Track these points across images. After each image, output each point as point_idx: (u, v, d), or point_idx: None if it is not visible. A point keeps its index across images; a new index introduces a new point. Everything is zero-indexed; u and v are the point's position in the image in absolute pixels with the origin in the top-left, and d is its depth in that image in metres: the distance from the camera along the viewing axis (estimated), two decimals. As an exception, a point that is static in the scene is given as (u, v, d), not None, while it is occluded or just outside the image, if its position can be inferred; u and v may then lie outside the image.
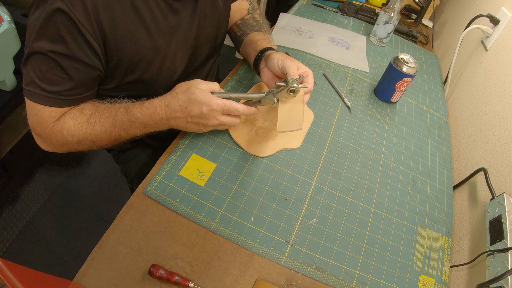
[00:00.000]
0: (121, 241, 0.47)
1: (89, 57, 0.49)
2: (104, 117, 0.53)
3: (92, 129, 0.53)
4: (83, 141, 0.53)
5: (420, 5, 1.20)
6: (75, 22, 0.45)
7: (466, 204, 0.64)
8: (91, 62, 0.50)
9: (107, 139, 0.54)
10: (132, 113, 0.53)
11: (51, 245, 1.26)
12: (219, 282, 0.46)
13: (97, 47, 0.49)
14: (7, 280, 0.29)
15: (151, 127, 0.54)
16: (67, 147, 0.55)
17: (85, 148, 0.55)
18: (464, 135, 0.77)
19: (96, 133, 0.53)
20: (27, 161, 1.47)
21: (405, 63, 0.73)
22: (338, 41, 0.98)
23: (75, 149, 0.55)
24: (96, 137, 0.54)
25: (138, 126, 0.54)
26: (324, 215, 0.56)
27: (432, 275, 0.54)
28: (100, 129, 0.53)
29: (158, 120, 0.53)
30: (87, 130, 0.53)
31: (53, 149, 0.56)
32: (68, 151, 0.56)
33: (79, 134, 0.53)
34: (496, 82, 0.72)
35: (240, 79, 0.76)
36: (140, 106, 0.53)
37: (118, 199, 1.44)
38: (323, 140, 0.68)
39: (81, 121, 0.53)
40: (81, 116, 0.53)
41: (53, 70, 0.48)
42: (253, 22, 0.77)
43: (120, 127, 0.53)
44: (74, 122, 0.52)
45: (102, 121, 0.53)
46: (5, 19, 1.11)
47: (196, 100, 0.51)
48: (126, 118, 0.53)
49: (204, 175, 0.56)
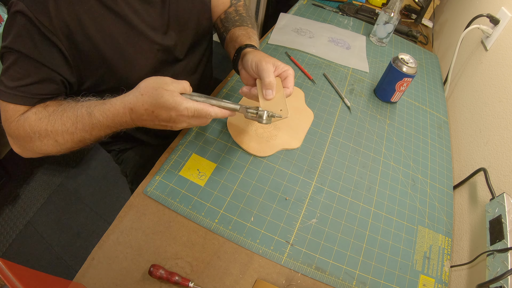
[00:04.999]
0: (121, 241, 0.47)
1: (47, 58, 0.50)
2: (65, 116, 0.50)
3: (52, 126, 0.50)
4: (45, 138, 0.50)
5: (420, 5, 1.20)
6: (35, 23, 0.47)
7: (466, 204, 0.64)
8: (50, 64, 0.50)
9: (70, 140, 0.51)
10: (94, 116, 0.49)
11: (51, 245, 1.26)
12: (219, 282, 0.46)
13: (60, 44, 0.50)
14: (7, 280, 0.29)
15: (116, 128, 0.51)
16: (32, 145, 0.52)
17: (50, 148, 0.52)
18: (464, 135, 0.77)
19: (58, 131, 0.50)
20: (27, 161, 1.47)
21: (405, 63, 0.73)
22: (338, 41, 0.98)
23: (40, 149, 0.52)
24: (58, 136, 0.50)
25: (101, 128, 0.50)
26: (324, 215, 0.56)
27: (432, 275, 0.54)
28: (61, 128, 0.50)
29: (122, 122, 0.49)
30: (47, 126, 0.50)
31: (22, 150, 0.53)
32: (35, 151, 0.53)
33: (40, 129, 0.50)
34: (496, 82, 0.72)
35: (240, 79, 0.76)
36: (101, 107, 0.49)
37: (118, 199, 1.44)
38: (323, 140, 0.68)
39: (42, 116, 0.50)
40: (43, 111, 0.51)
41: (13, 67, 0.49)
42: (235, 16, 0.72)
43: (82, 129, 0.50)
44: (35, 117, 0.50)
45: (64, 120, 0.50)
46: (5, 19, 1.11)
47: (164, 104, 0.46)
48: (88, 121, 0.49)
49: (204, 175, 0.56)
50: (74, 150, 0.54)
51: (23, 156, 0.55)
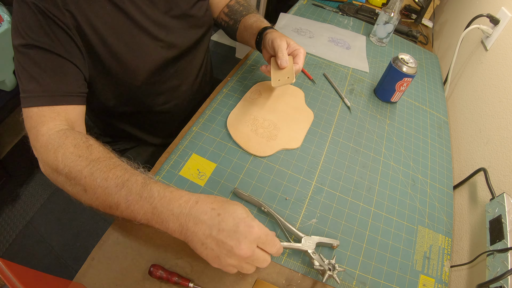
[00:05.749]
0: (121, 241, 0.47)
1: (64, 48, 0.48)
2: (113, 172, 0.42)
3: (91, 174, 0.41)
4: (74, 180, 0.42)
5: (420, 5, 1.20)
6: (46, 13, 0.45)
7: (466, 204, 0.64)
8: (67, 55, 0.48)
9: (101, 199, 0.41)
10: (149, 188, 0.41)
11: (51, 245, 1.26)
12: (219, 282, 0.46)
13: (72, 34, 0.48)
14: (7, 280, 0.29)
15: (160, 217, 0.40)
16: (56, 177, 0.44)
17: (73, 191, 0.43)
18: (464, 135, 0.77)
19: (92, 183, 0.41)
20: (27, 161, 1.47)
21: (405, 63, 0.73)
22: (338, 41, 0.98)
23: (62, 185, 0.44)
24: (91, 188, 0.41)
25: (145, 206, 0.40)
26: (324, 215, 0.56)
27: (432, 275, 0.54)
28: (100, 182, 0.41)
29: (176, 211, 0.39)
30: (84, 170, 0.41)
31: (46, 169, 0.46)
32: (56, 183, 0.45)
33: (73, 168, 0.42)
34: (496, 82, 0.72)
35: (240, 79, 0.76)
36: (163, 186, 0.41)
37: (118, 199, 1.44)
38: (323, 140, 0.68)
39: (83, 155, 0.43)
40: (85, 150, 0.43)
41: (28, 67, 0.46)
42: (239, 8, 0.77)
43: (124, 196, 0.40)
44: (74, 151, 0.43)
45: (109, 175, 0.41)
46: (5, 19, 1.11)
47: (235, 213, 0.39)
48: (138, 189, 0.41)
49: (204, 175, 0.56)
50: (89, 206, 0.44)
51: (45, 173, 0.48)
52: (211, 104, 0.68)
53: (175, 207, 0.39)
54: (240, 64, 0.81)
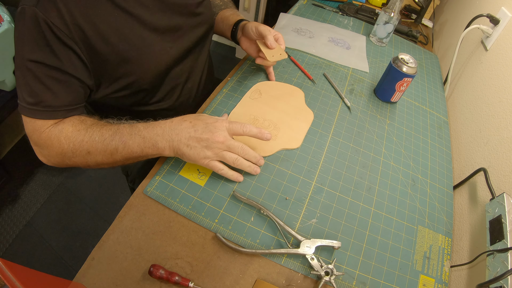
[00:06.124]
0: (121, 241, 0.47)
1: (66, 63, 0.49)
2: (105, 128, 0.51)
3: (90, 137, 0.50)
4: (79, 149, 0.51)
5: (420, 5, 1.20)
6: (51, 28, 0.46)
7: (466, 204, 0.64)
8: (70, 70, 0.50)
9: (102, 151, 0.51)
10: (136, 126, 0.52)
11: (51, 245, 1.26)
12: (219, 282, 0.46)
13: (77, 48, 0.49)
14: (7, 280, 0.29)
15: (150, 141, 0.51)
16: (61, 158, 0.52)
17: (79, 160, 0.52)
18: (464, 135, 0.77)
19: (93, 142, 0.50)
20: (27, 161, 1.47)
21: (405, 63, 0.73)
22: (338, 41, 0.98)
23: (69, 161, 0.52)
24: (92, 147, 0.50)
25: (136, 140, 0.50)
26: (324, 215, 0.56)
27: (432, 275, 0.54)
28: (98, 138, 0.50)
29: (160, 131, 0.50)
30: (84, 137, 0.50)
31: (49, 159, 0.53)
32: (62, 163, 0.54)
33: (75, 140, 0.50)
34: (496, 82, 0.72)
35: (240, 79, 0.76)
36: (145, 122, 0.53)
37: (118, 199, 1.44)
38: (323, 140, 0.68)
39: (80, 128, 0.51)
40: (81, 124, 0.52)
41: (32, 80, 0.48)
42: (219, 2, 0.83)
43: (119, 138, 0.50)
44: (73, 129, 0.51)
45: (103, 131, 0.51)
46: (5, 19, 1.11)
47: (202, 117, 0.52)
48: (128, 130, 0.51)
49: (204, 175, 0.56)
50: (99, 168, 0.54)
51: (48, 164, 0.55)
52: (211, 104, 0.68)
53: (158, 130, 0.50)
54: (240, 64, 0.81)
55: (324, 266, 0.48)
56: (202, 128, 0.50)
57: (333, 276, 0.47)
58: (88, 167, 0.53)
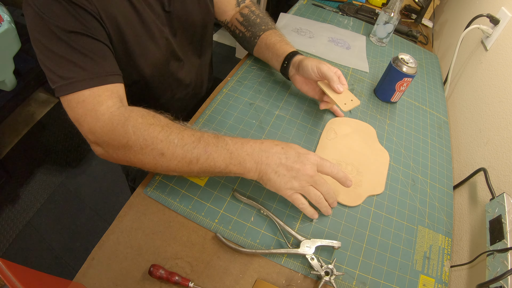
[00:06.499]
0: (121, 241, 0.47)
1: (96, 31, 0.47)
2: (187, 132, 0.46)
3: (166, 137, 0.44)
4: (150, 147, 0.44)
5: (420, 5, 1.20)
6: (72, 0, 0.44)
7: (466, 204, 0.64)
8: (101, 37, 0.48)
9: (180, 157, 0.45)
10: (222, 138, 0.48)
11: (51, 245, 1.26)
12: (219, 282, 0.46)
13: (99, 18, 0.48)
14: (7, 280, 0.29)
15: (237, 159, 0.47)
16: (126, 152, 0.45)
17: (147, 159, 0.45)
18: (464, 135, 0.77)
19: (171, 144, 0.44)
20: (27, 161, 1.47)
21: (405, 63, 0.73)
22: (338, 41, 0.98)
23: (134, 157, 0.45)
24: (169, 149, 0.44)
25: (223, 153, 0.46)
26: (324, 215, 0.56)
27: (432, 275, 0.54)
28: (178, 141, 0.44)
29: (249, 151, 0.47)
30: (159, 135, 0.44)
31: (108, 150, 0.46)
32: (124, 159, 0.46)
33: (148, 135, 0.44)
34: (496, 82, 0.72)
35: (240, 79, 0.76)
36: (231, 136, 0.49)
37: (118, 199, 1.44)
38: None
39: (154, 123, 0.45)
40: (153, 119, 0.46)
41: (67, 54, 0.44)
42: (256, 19, 0.75)
43: (203, 148, 0.45)
44: (143, 121, 0.45)
45: (183, 135, 0.45)
46: (5, 19, 1.11)
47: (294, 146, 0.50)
48: (213, 141, 0.46)
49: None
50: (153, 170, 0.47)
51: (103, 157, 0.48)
52: (211, 104, 0.68)
53: (248, 148, 0.47)
54: (240, 64, 0.81)
55: (324, 266, 0.48)
56: (294, 157, 0.48)
57: (333, 276, 0.47)
58: (155, 170, 0.47)
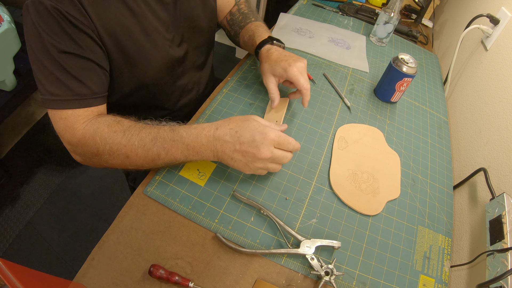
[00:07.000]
0: (121, 241, 0.47)
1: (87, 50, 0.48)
2: (144, 131, 0.49)
3: (128, 140, 0.48)
4: (116, 152, 0.48)
5: (420, 5, 1.20)
6: (66, 16, 0.45)
7: (466, 204, 0.64)
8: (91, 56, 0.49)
9: (143, 157, 0.49)
10: (177, 131, 0.49)
11: (51, 245, 1.26)
12: (219, 282, 0.46)
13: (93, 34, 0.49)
14: (7, 280, 0.29)
15: (194, 150, 0.49)
16: (98, 159, 0.50)
17: (117, 162, 0.50)
18: (464, 135, 0.77)
19: (133, 146, 0.48)
20: (27, 161, 1.47)
21: (405, 63, 0.73)
22: (338, 41, 0.98)
23: (105, 162, 0.50)
24: (132, 151, 0.48)
25: (180, 147, 0.49)
26: (324, 215, 0.56)
27: (432, 275, 0.54)
28: (138, 143, 0.48)
29: (204, 141, 0.48)
30: (122, 140, 0.48)
31: (85, 159, 0.51)
32: (99, 164, 0.52)
33: (112, 142, 0.48)
34: (496, 82, 0.72)
35: (240, 79, 0.76)
36: (187, 126, 0.50)
37: (118, 199, 1.44)
38: (323, 140, 0.68)
39: (117, 130, 0.49)
40: (117, 125, 0.49)
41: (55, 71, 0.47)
42: (239, 17, 0.77)
43: (160, 145, 0.48)
44: (108, 130, 0.49)
45: (142, 135, 0.49)
46: (5, 19, 1.11)
47: (249, 126, 0.48)
48: (169, 136, 0.49)
49: (204, 175, 0.56)
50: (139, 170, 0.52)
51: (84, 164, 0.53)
52: (211, 104, 0.68)
53: (203, 139, 0.48)
54: (240, 64, 0.81)
55: (324, 266, 0.48)
56: (249, 142, 0.47)
57: (333, 276, 0.47)
58: (127, 169, 0.52)
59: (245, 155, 0.48)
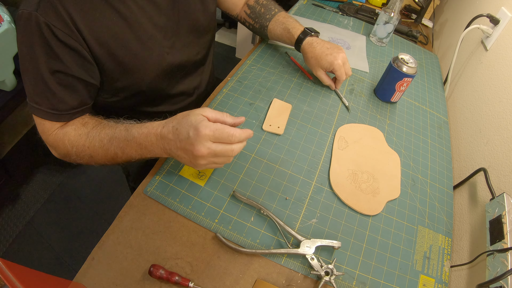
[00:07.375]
0: (121, 241, 0.47)
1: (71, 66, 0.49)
2: (103, 132, 0.52)
3: (90, 142, 0.52)
4: (82, 153, 0.52)
5: (420, 5, 1.20)
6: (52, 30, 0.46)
7: (466, 204, 0.64)
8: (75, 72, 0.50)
9: (103, 156, 0.52)
10: (130, 132, 0.50)
11: (51, 245, 1.26)
12: (219, 282, 0.46)
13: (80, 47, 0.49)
14: (7, 280, 0.29)
15: (146, 148, 0.49)
16: (69, 158, 0.55)
17: (84, 161, 0.54)
18: (464, 135, 0.77)
19: (94, 147, 0.52)
20: (27, 161, 1.47)
21: (405, 63, 0.73)
22: (338, 41, 0.98)
23: (75, 161, 0.55)
24: (94, 152, 0.52)
25: (133, 146, 0.50)
26: (324, 215, 0.56)
27: (432, 275, 0.54)
28: (98, 144, 0.51)
29: (154, 140, 0.48)
30: (85, 142, 0.52)
31: (60, 157, 0.56)
32: (73, 161, 0.56)
33: (78, 145, 0.52)
34: (496, 82, 0.72)
35: (240, 79, 0.76)
36: (139, 126, 0.50)
37: (118, 199, 1.44)
38: (323, 140, 0.68)
39: (82, 133, 0.53)
40: (82, 128, 0.53)
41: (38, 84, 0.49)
42: (261, 9, 0.80)
43: (116, 145, 0.50)
44: (75, 133, 0.53)
45: (101, 136, 0.51)
46: (5, 19, 1.11)
47: (187, 122, 0.45)
48: (123, 136, 0.50)
49: (204, 175, 0.56)
50: None
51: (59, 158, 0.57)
52: (211, 104, 0.68)
53: (152, 138, 0.48)
54: (240, 64, 0.81)
55: (324, 266, 0.48)
56: (185, 139, 0.45)
57: (333, 276, 0.47)
58: (96, 165, 0.55)
59: (186, 153, 0.46)
